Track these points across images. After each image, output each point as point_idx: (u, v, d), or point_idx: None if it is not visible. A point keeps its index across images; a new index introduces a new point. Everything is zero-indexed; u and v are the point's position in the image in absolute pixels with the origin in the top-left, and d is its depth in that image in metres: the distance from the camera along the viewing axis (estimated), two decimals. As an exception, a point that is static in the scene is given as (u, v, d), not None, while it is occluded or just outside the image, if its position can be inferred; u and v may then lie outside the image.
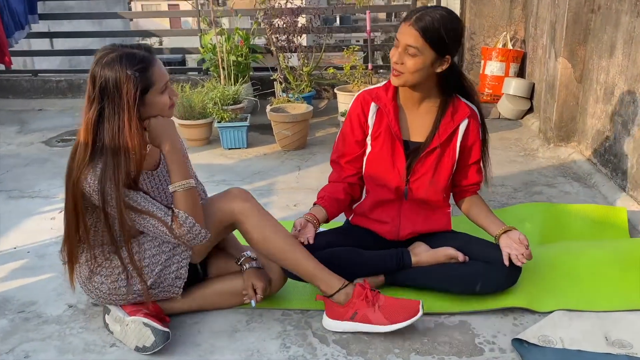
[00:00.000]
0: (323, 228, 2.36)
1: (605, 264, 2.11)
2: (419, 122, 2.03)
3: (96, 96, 1.66)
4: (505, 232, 1.98)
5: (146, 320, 1.79)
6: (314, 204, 2.09)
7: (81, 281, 1.87)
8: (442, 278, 1.99)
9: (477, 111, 2.05)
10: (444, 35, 1.83)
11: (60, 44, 7.02)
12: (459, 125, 2.01)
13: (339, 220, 2.28)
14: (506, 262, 1.91)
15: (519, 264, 1.90)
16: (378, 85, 2.09)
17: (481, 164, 2.12)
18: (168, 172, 1.81)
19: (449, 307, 1.96)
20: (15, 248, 2.57)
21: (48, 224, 2.81)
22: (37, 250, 2.54)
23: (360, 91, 2.11)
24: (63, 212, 1.78)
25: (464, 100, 2.04)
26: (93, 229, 1.78)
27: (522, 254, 1.88)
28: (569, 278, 2.06)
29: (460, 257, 1.98)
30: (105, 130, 1.66)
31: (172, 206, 1.77)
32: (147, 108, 1.73)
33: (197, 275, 1.97)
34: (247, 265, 1.96)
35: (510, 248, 1.92)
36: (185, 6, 5.82)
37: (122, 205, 1.67)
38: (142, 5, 27.33)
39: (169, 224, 1.73)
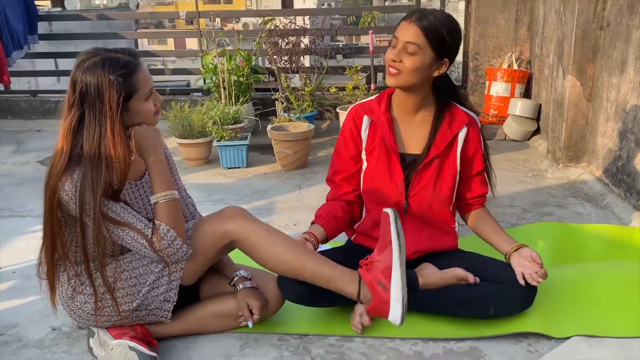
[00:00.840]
0: (325, 246, 2.26)
1: (626, 286, 1.98)
2: (414, 133, 1.94)
3: (76, 101, 1.57)
4: (516, 249, 1.86)
5: (132, 343, 1.66)
6: (312, 222, 1.99)
7: (63, 301, 1.75)
8: (453, 301, 1.86)
9: (476, 119, 1.96)
10: (445, 36, 1.78)
11: (64, 64, 6.99)
12: (457, 133, 1.91)
13: (340, 240, 2.17)
14: (521, 282, 1.78)
15: (534, 283, 1.77)
16: (370, 98, 2.01)
17: (485, 175, 2.01)
18: (150, 181, 1.70)
19: (459, 332, 1.83)
20: (0, 268, 2.45)
21: (36, 243, 2.65)
22: (24, 271, 2.42)
23: (353, 105, 2.02)
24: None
25: (461, 107, 1.95)
26: (74, 244, 1.67)
27: (537, 273, 1.76)
28: (587, 301, 1.93)
29: (471, 278, 1.85)
30: (84, 137, 1.56)
31: (153, 218, 1.66)
32: (130, 115, 1.63)
33: (188, 297, 1.84)
34: (241, 286, 1.83)
35: (523, 267, 1.80)
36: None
37: (99, 216, 1.56)
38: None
39: (149, 236, 1.62)
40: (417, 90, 1.88)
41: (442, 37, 1.77)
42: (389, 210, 1.67)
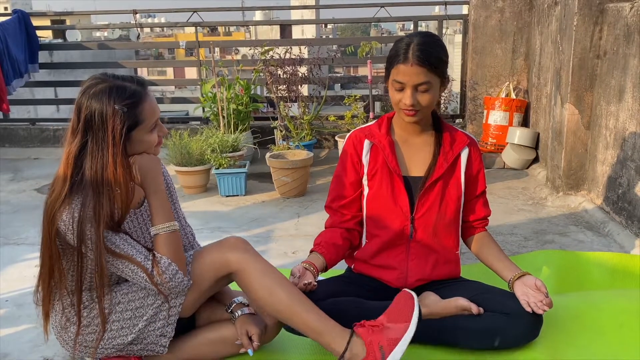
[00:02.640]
0: (322, 277, 2.21)
1: (631, 315, 1.94)
2: (416, 156, 1.93)
3: (80, 128, 1.54)
4: (519, 277, 1.82)
5: (126, 373, 1.61)
6: (311, 251, 1.94)
7: (56, 330, 1.70)
8: (457, 332, 1.81)
9: (475, 139, 1.97)
10: (443, 57, 1.79)
11: (63, 93, 7.03)
12: (459, 154, 1.90)
13: (340, 268, 2.13)
14: (528, 309, 1.74)
15: (540, 311, 1.72)
16: (370, 123, 1.99)
17: (486, 197, 2.00)
18: (150, 213, 1.67)
19: (462, 362, 1.77)
20: (-7, 296, 2.40)
21: (31, 271, 2.64)
22: (16, 300, 2.37)
23: (352, 131, 2.00)
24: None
25: (459, 129, 1.96)
26: (71, 272, 1.63)
27: (542, 302, 1.72)
28: (593, 330, 1.88)
29: (474, 309, 1.80)
30: (86, 165, 1.53)
31: (153, 250, 1.63)
32: (133, 145, 1.60)
33: (184, 325, 1.79)
34: (239, 312, 1.79)
35: (528, 296, 1.76)
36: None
37: (102, 249, 1.52)
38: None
39: (149, 270, 1.58)
40: (428, 115, 1.90)
41: (441, 59, 1.78)
42: (413, 294, 1.65)
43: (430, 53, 1.75)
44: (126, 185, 1.57)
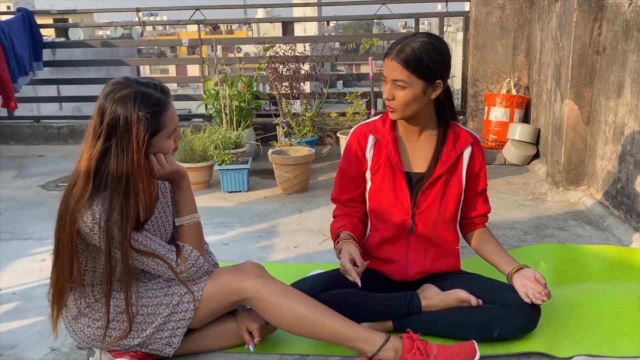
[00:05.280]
0: (319, 270, 2.24)
1: (628, 306, 1.97)
2: (419, 152, 1.95)
3: (103, 131, 1.56)
4: (517, 270, 1.85)
5: (131, 363, 1.65)
6: (337, 233, 1.93)
7: (67, 321, 1.73)
8: (457, 324, 1.84)
9: (479, 138, 1.98)
10: (428, 62, 1.76)
11: (67, 91, 7.06)
12: (462, 152, 1.93)
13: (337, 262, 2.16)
14: (527, 300, 1.77)
15: (538, 302, 1.76)
16: (375, 118, 2.02)
17: (487, 194, 2.02)
18: (175, 205, 1.76)
19: (461, 352, 1.80)
20: (0, 290, 2.44)
21: (37, 265, 2.68)
22: (23, 293, 2.41)
23: (357, 125, 2.03)
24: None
25: (464, 127, 1.97)
26: (83, 267, 1.67)
27: (540, 293, 1.75)
28: (590, 321, 1.92)
29: (473, 300, 1.84)
30: (111, 168, 1.56)
31: (177, 241, 1.70)
32: (152, 149, 1.64)
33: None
34: (241, 308, 1.82)
35: (526, 288, 1.79)
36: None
37: (128, 249, 1.58)
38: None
39: (173, 262, 1.66)
40: (420, 115, 1.89)
41: (425, 64, 1.76)
42: (477, 350, 1.71)
43: (412, 54, 1.75)
44: (149, 188, 1.62)
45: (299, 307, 1.68)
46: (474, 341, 1.71)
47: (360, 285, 1.74)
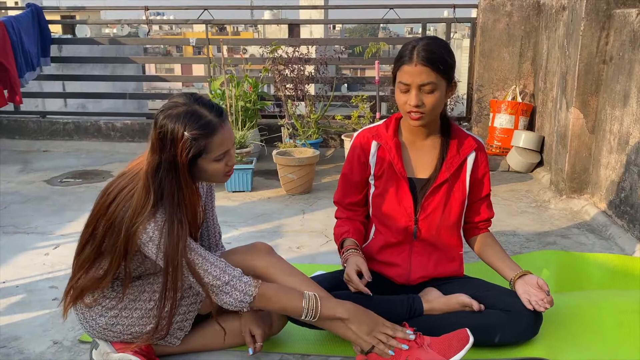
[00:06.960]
0: (322, 271, 2.25)
1: (630, 314, 1.97)
2: (423, 158, 1.95)
3: (157, 145, 1.57)
4: (520, 276, 1.86)
5: (134, 358, 1.66)
6: (341, 239, 1.96)
7: (79, 307, 1.72)
8: (458, 328, 1.84)
9: (483, 143, 1.99)
10: (448, 59, 1.78)
11: (72, 87, 7.09)
12: (466, 158, 1.93)
13: (338, 263, 2.17)
14: (529, 307, 1.77)
15: (541, 309, 1.76)
16: (377, 123, 2.01)
17: (491, 199, 2.03)
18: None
19: (462, 356, 1.81)
20: (4, 282, 2.45)
21: (41, 259, 2.70)
22: (27, 286, 2.42)
23: (360, 130, 2.03)
24: (86, 247, 1.67)
25: (468, 132, 1.97)
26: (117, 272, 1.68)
27: (543, 300, 1.75)
28: (592, 328, 1.92)
29: (475, 305, 1.84)
30: (164, 182, 1.58)
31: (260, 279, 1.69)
32: (197, 170, 1.63)
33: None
34: (244, 308, 1.82)
35: (529, 294, 1.79)
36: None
37: (181, 264, 1.58)
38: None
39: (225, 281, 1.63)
40: (436, 119, 1.89)
41: (448, 62, 1.78)
42: (471, 338, 1.69)
43: (434, 53, 1.75)
44: (194, 207, 1.65)
45: (304, 287, 1.71)
46: (467, 328, 1.70)
47: (371, 294, 1.77)
